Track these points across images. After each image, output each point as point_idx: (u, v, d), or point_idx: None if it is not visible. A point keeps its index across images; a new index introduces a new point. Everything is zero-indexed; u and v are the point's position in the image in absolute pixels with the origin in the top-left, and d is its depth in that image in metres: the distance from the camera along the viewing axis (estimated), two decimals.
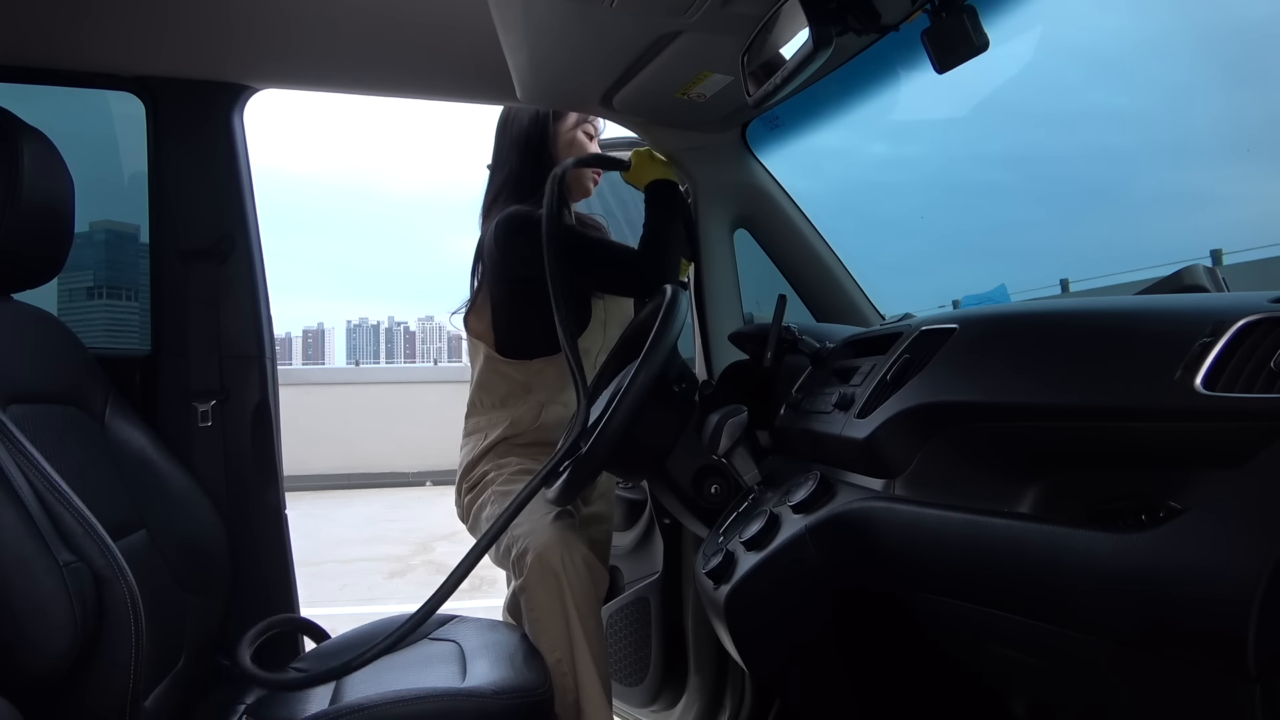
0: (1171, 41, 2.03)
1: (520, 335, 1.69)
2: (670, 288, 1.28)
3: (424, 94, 1.69)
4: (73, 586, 0.91)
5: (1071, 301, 1.36)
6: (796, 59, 1.05)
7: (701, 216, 1.73)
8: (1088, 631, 0.62)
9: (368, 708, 1.11)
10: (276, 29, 1.45)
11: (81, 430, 1.23)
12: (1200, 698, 0.55)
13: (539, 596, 1.41)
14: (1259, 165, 1.72)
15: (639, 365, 1.17)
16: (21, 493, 0.93)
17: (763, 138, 1.77)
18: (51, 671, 0.90)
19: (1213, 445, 0.61)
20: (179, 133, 1.55)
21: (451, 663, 1.29)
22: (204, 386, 1.52)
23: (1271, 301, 0.64)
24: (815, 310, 1.81)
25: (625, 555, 1.86)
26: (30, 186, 1.13)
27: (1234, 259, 1.62)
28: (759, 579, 0.95)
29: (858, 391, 0.97)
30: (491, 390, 1.71)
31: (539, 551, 1.42)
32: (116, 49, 1.48)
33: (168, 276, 1.54)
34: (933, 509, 0.78)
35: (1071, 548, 0.63)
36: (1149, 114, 2.24)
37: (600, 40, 1.32)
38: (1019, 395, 0.75)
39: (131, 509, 1.25)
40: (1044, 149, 2.69)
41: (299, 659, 1.37)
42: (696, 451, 1.21)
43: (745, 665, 1.02)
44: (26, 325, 1.19)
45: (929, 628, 0.83)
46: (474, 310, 1.74)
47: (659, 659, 1.73)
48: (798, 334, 1.26)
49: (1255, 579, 0.48)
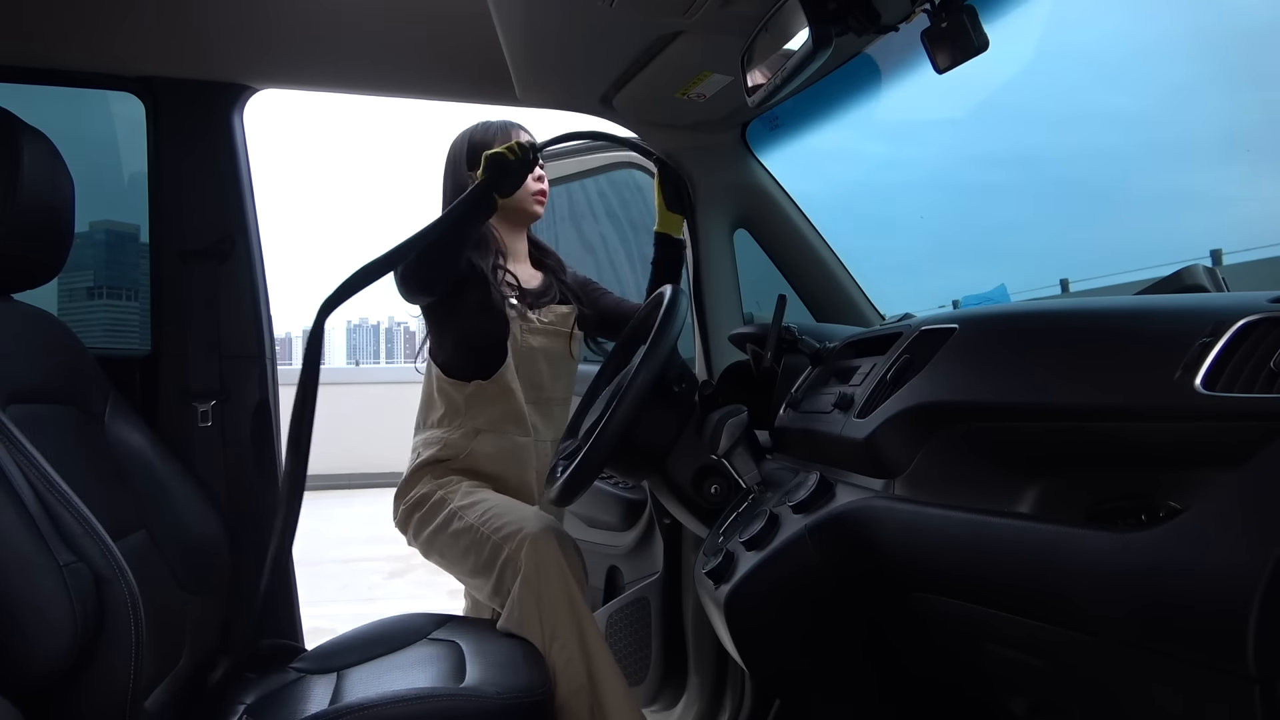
0: (1171, 42, 2.03)
1: (454, 355, 1.67)
2: (670, 287, 1.28)
3: (424, 94, 1.69)
4: (73, 587, 0.91)
5: (1071, 301, 1.36)
6: (796, 59, 1.05)
7: (701, 216, 1.73)
8: (1088, 631, 0.62)
9: (368, 707, 1.11)
10: (276, 29, 1.45)
11: (81, 430, 1.23)
12: (1200, 697, 0.55)
13: (541, 588, 1.39)
14: (1259, 165, 1.72)
15: (639, 365, 1.17)
16: (21, 493, 0.93)
17: (763, 138, 1.77)
18: (52, 672, 0.90)
19: (1212, 445, 0.61)
20: (179, 133, 1.55)
21: (452, 663, 1.29)
22: (204, 386, 1.52)
23: (1271, 301, 0.64)
24: (815, 310, 1.81)
25: (625, 555, 1.86)
26: (30, 186, 1.13)
27: (1234, 259, 1.62)
28: (759, 579, 0.95)
29: (858, 391, 0.97)
30: (431, 409, 1.70)
31: (536, 542, 1.41)
32: (117, 49, 1.48)
33: (168, 276, 1.54)
34: (933, 509, 0.78)
35: (1071, 548, 0.63)
36: (1149, 115, 2.24)
37: (600, 40, 1.32)
38: (1019, 395, 0.75)
39: (131, 509, 1.25)
40: (1044, 149, 2.69)
41: (299, 659, 1.37)
42: (696, 451, 1.21)
43: (745, 665, 1.02)
44: (26, 325, 1.19)
45: (929, 628, 0.83)
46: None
47: (659, 659, 1.73)
48: (798, 334, 1.26)
49: (1255, 579, 0.48)
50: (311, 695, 1.23)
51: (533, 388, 1.69)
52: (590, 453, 1.18)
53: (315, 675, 1.30)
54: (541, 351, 1.70)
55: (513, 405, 1.66)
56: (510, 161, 1.49)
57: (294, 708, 1.19)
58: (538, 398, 1.70)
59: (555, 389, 1.74)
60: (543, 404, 1.71)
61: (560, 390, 1.75)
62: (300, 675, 1.30)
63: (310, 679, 1.29)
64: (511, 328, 1.65)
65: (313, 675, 1.30)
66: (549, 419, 1.72)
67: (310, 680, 1.29)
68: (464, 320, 1.64)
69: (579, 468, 1.20)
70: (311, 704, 1.19)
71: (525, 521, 1.46)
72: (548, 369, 1.71)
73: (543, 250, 1.84)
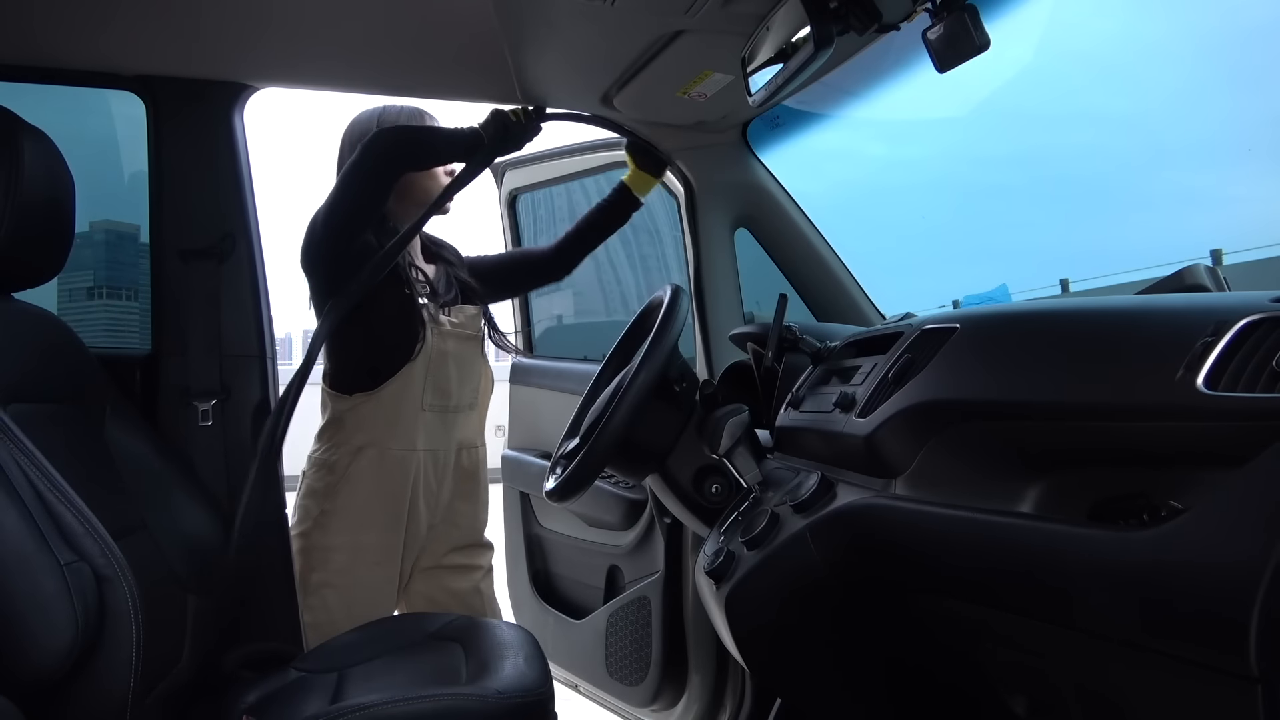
0: (1170, 44, 2.04)
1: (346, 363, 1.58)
2: (671, 287, 1.28)
3: (424, 93, 1.69)
4: (74, 586, 0.91)
5: (1072, 301, 1.36)
6: (797, 59, 1.05)
7: (702, 216, 1.73)
8: (1089, 631, 0.62)
9: (368, 707, 1.10)
10: (276, 28, 1.44)
11: (82, 430, 1.23)
12: (1201, 697, 0.55)
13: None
14: (1259, 166, 1.72)
15: (639, 364, 1.17)
16: (22, 492, 0.93)
17: (763, 137, 1.77)
18: (52, 671, 0.90)
19: (1214, 445, 0.61)
20: (179, 132, 1.55)
21: (453, 662, 1.29)
22: (204, 386, 1.52)
23: (1273, 301, 0.64)
24: (816, 310, 1.81)
25: (625, 555, 1.86)
26: (31, 186, 1.13)
27: (1234, 259, 1.62)
28: (759, 578, 0.95)
29: (859, 391, 0.96)
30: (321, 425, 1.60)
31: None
32: (117, 48, 1.47)
33: (168, 276, 1.54)
34: (934, 508, 0.78)
35: (1073, 547, 0.63)
36: (1149, 115, 2.24)
37: (601, 39, 1.32)
38: (1020, 394, 0.75)
39: (132, 509, 1.25)
40: (1045, 150, 2.69)
41: (299, 659, 1.36)
42: (697, 451, 1.21)
43: (745, 665, 1.02)
44: (27, 325, 1.19)
45: (930, 627, 0.83)
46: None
47: (659, 659, 1.73)
48: (798, 333, 1.26)
49: (1256, 578, 0.48)
50: (311, 695, 1.23)
51: (439, 394, 1.59)
52: (590, 452, 1.18)
53: (315, 675, 1.30)
54: (452, 356, 1.60)
55: (401, 417, 1.55)
56: (512, 122, 1.45)
57: (294, 708, 1.19)
58: (444, 405, 1.60)
59: (462, 395, 1.63)
60: (448, 412, 1.61)
61: (466, 397, 1.65)
62: (300, 675, 1.30)
63: (310, 679, 1.29)
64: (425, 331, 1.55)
65: (313, 675, 1.30)
66: (450, 429, 1.63)
67: (310, 680, 1.29)
68: (377, 326, 1.53)
69: (579, 467, 1.20)
70: (311, 704, 1.19)
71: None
72: (456, 374, 1.61)
73: (437, 243, 1.73)
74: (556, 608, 2.00)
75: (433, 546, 1.67)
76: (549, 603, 2.03)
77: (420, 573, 1.68)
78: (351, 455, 1.55)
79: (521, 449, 2.14)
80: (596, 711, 1.97)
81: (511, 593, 2.15)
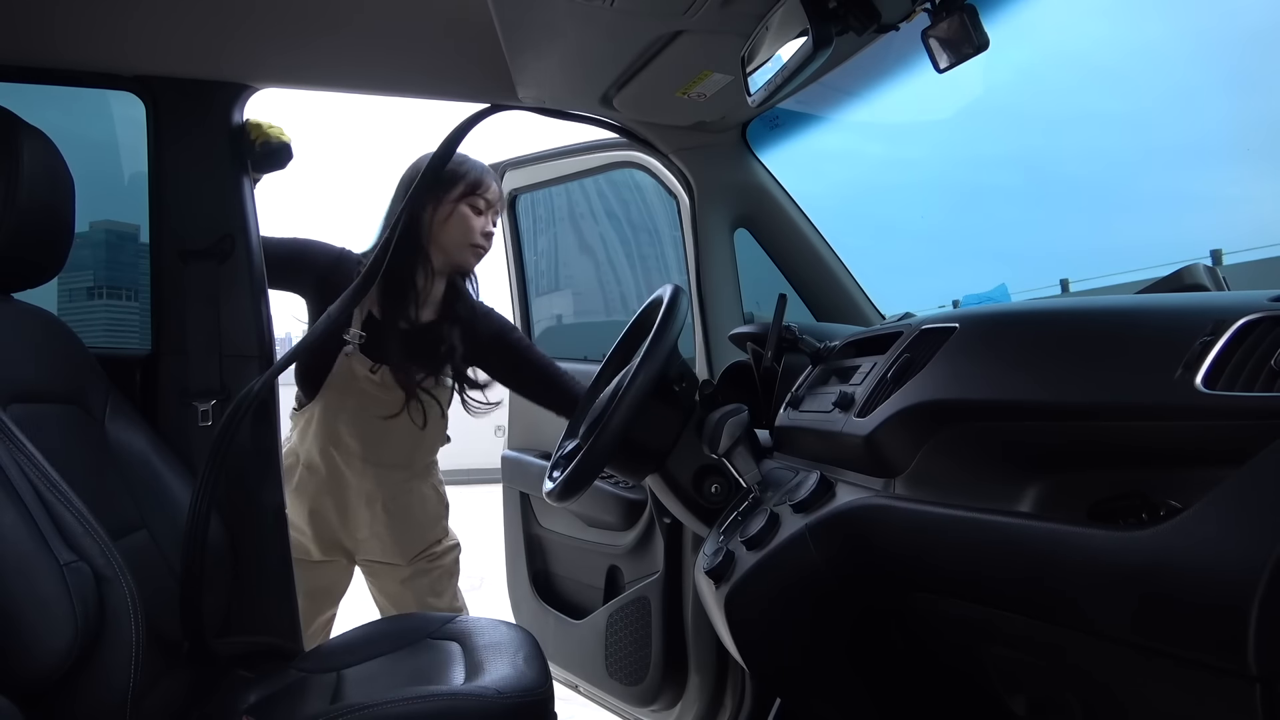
0: (1170, 45, 2.04)
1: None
2: (671, 287, 1.28)
3: (424, 94, 1.69)
4: (73, 586, 0.91)
5: (1072, 300, 1.36)
6: (796, 59, 1.05)
7: (701, 216, 1.73)
8: (1088, 631, 0.62)
9: (368, 707, 1.10)
10: (276, 28, 1.44)
11: (82, 430, 1.23)
12: (1200, 697, 0.55)
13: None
14: (1259, 166, 1.72)
15: (639, 364, 1.17)
16: (22, 492, 0.93)
17: (763, 137, 1.77)
18: (52, 671, 0.90)
19: (1213, 444, 0.61)
20: (179, 132, 1.55)
21: (453, 662, 1.29)
22: (204, 386, 1.52)
23: (1272, 300, 0.64)
24: (815, 310, 1.81)
25: (625, 555, 1.86)
26: (30, 186, 1.13)
27: (1234, 259, 1.62)
28: (759, 578, 0.95)
29: (858, 391, 0.97)
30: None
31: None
32: (116, 48, 1.47)
33: (168, 276, 1.54)
34: (933, 508, 0.78)
35: (1072, 547, 0.63)
36: (1148, 116, 2.24)
37: (600, 40, 1.32)
38: (1020, 394, 0.75)
39: (132, 509, 1.25)
40: (1045, 150, 2.69)
41: (299, 659, 1.36)
42: (697, 451, 1.21)
43: (745, 665, 1.02)
44: (27, 325, 1.19)
45: (929, 627, 0.83)
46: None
47: (659, 659, 1.73)
48: (798, 333, 1.26)
49: (1256, 578, 0.48)
50: (311, 695, 1.23)
51: (335, 442, 1.64)
52: (590, 452, 1.18)
53: (315, 675, 1.30)
54: (353, 413, 1.63)
55: (309, 449, 1.64)
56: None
57: (294, 708, 1.19)
58: (349, 453, 1.65)
59: (381, 454, 1.65)
60: (357, 460, 1.65)
61: (387, 455, 1.66)
62: (300, 675, 1.30)
63: (310, 679, 1.29)
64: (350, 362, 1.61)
65: (312, 675, 1.30)
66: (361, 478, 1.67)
67: (310, 680, 1.29)
68: (309, 356, 1.59)
69: (579, 467, 1.20)
70: (311, 704, 1.19)
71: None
72: (361, 430, 1.63)
73: (459, 292, 1.68)
74: (556, 608, 2.00)
75: (372, 553, 1.74)
76: (549, 603, 2.03)
77: (371, 567, 1.77)
78: (291, 457, 1.68)
79: (521, 449, 2.14)
80: (596, 711, 1.97)
81: (511, 593, 2.15)
